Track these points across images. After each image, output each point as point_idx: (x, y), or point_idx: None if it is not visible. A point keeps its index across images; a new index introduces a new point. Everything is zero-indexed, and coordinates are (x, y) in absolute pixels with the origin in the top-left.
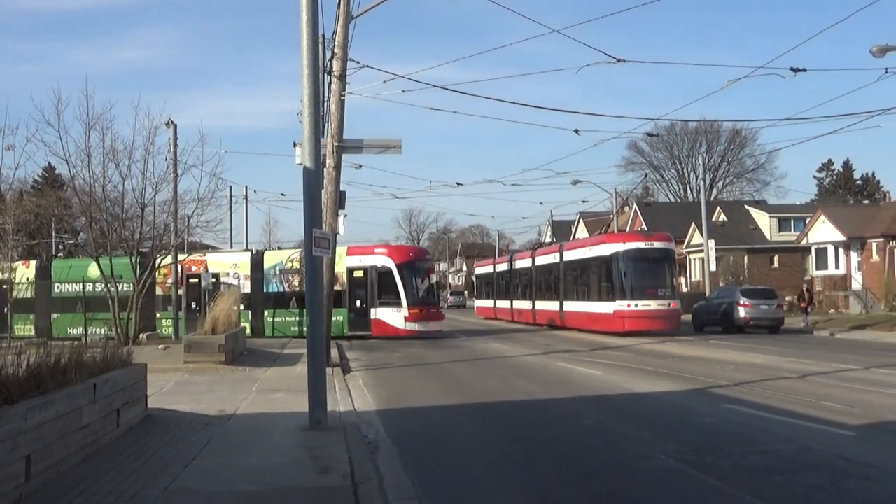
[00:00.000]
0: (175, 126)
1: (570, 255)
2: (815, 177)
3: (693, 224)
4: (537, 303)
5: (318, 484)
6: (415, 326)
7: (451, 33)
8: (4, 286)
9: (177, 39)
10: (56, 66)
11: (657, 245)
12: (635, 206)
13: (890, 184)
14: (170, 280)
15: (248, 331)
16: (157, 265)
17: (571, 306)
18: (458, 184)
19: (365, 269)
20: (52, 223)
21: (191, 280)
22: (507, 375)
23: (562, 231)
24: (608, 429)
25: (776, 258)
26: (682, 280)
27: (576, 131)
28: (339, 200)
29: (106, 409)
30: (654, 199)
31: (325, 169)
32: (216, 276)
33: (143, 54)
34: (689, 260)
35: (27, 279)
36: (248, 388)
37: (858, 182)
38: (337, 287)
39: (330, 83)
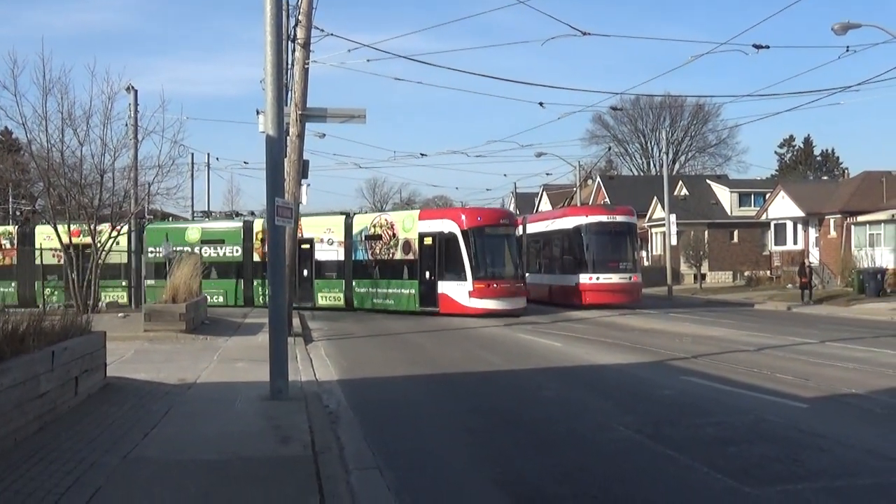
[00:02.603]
0: (135, 91)
1: (533, 228)
2: (776, 152)
3: (655, 198)
4: None
5: (278, 453)
6: (480, 303)
7: (416, 2)
8: (87, 250)
9: (136, 2)
10: (11, 28)
11: (619, 219)
12: (598, 179)
13: (849, 160)
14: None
15: (342, 303)
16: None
17: (534, 279)
18: (422, 154)
19: (434, 236)
20: (9, 188)
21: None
22: (469, 347)
23: (525, 203)
24: (568, 400)
25: (736, 233)
26: (644, 254)
27: (540, 104)
28: (303, 169)
29: (64, 378)
30: (617, 172)
31: (288, 137)
32: (310, 241)
33: (102, 17)
34: (651, 234)
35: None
36: (209, 357)
37: (818, 158)
38: (410, 256)
39: (294, 51)
